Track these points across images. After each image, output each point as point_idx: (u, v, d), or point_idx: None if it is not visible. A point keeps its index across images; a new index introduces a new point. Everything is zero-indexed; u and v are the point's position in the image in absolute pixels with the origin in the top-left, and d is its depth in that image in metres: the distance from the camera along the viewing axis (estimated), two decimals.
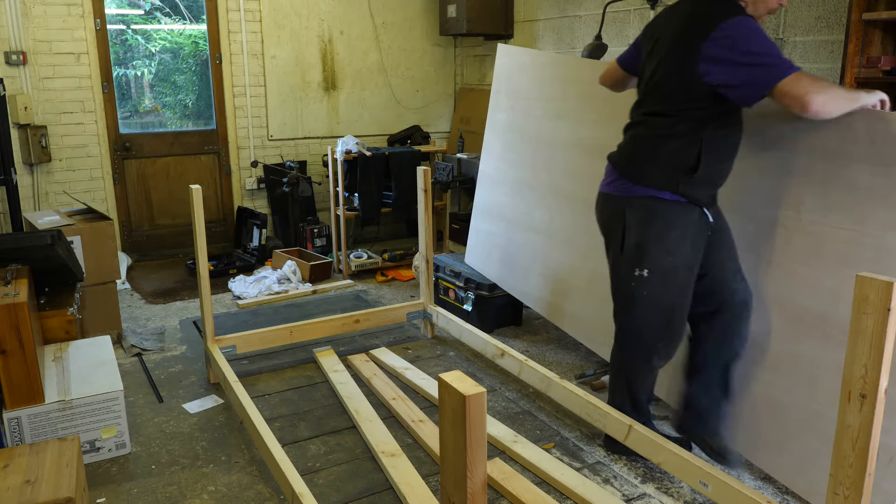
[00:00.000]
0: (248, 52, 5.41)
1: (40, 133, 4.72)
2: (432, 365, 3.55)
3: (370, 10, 5.80)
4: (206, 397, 3.20)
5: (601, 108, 3.25)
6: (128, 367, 3.51)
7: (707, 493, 2.28)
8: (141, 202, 5.32)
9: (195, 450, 2.77)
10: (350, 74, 5.83)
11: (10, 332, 2.43)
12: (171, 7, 5.30)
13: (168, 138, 5.36)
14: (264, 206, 5.73)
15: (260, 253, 5.26)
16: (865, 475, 1.55)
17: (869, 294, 1.48)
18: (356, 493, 2.47)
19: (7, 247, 2.84)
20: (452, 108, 6.32)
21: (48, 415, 2.55)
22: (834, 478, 1.61)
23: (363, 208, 5.10)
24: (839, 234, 2.30)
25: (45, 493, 2.06)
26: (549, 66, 3.64)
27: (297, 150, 5.74)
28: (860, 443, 1.54)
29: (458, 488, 1.22)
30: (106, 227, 3.74)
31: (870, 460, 1.55)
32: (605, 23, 4.47)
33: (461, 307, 4.08)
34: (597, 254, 3.25)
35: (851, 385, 1.54)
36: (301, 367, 3.53)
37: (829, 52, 3.32)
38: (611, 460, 2.69)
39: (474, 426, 1.18)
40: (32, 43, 4.67)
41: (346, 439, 2.83)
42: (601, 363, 3.51)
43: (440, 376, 1.22)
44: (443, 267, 4.25)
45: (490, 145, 4.11)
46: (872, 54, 2.83)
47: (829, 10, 3.31)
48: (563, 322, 3.48)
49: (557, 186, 3.52)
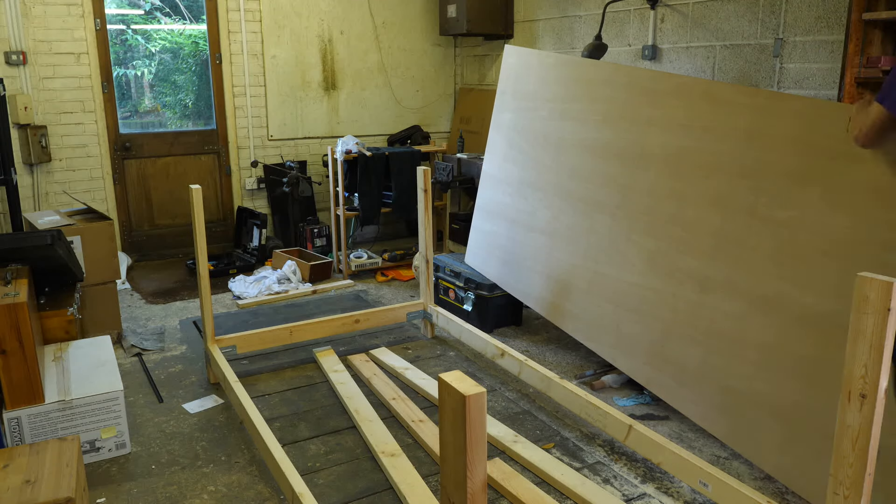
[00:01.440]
0: (248, 52, 5.41)
1: (40, 133, 4.72)
2: (432, 365, 3.55)
3: (370, 10, 5.80)
4: (206, 397, 3.20)
5: (608, 108, 3.25)
6: (128, 367, 3.51)
7: (707, 493, 2.28)
8: (141, 202, 5.32)
9: (195, 450, 2.77)
10: (350, 74, 5.83)
11: (10, 332, 2.43)
12: (171, 7, 5.29)
13: (168, 138, 5.36)
14: (264, 206, 5.73)
15: (260, 253, 5.26)
16: (865, 475, 1.55)
17: (869, 294, 1.48)
18: (356, 493, 2.47)
19: (7, 247, 2.84)
20: (452, 108, 6.32)
21: (48, 415, 2.55)
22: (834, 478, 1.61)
23: (363, 208, 5.10)
24: (843, 234, 2.30)
25: (45, 493, 2.06)
26: (556, 67, 3.64)
27: (297, 150, 5.74)
28: (860, 443, 1.54)
29: (458, 488, 1.22)
30: (106, 227, 3.73)
31: (870, 460, 1.55)
32: (605, 23, 4.47)
33: (461, 307, 4.08)
34: (598, 254, 3.25)
35: (851, 385, 1.54)
36: (301, 367, 3.53)
37: (829, 52, 3.32)
38: (611, 460, 2.69)
39: (474, 426, 1.18)
40: (32, 43, 4.67)
41: (346, 439, 2.83)
42: (601, 363, 3.51)
43: (440, 376, 1.22)
44: (443, 267, 4.25)
45: (494, 145, 4.11)
46: (872, 54, 2.83)
47: (829, 10, 3.31)
48: (564, 322, 3.48)
49: (562, 187, 3.52)
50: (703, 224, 2.76)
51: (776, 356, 2.48)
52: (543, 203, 3.65)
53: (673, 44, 4.11)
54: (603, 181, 3.24)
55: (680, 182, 2.86)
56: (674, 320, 2.86)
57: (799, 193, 2.43)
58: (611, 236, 3.18)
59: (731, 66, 3.78)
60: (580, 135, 3.42)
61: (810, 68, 3.41)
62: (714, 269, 2.71)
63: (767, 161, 2.53)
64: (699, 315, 2.75)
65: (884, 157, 2.19)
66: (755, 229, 2.56)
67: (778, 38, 3.52)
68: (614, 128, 3.19)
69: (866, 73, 2.81)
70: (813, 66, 3.40)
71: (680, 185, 2.86)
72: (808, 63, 3.42)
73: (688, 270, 2.81)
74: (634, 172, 3.07)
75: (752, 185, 2.58)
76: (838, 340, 2.27)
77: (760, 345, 2.52)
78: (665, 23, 4.14)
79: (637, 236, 3.04)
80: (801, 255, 2.42)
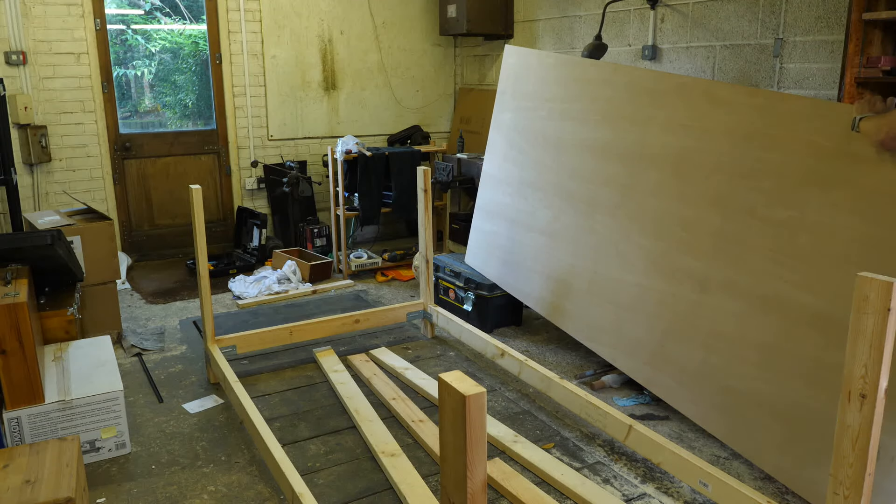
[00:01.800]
0: (248, 52, 5.41)
1: (40, 133, 4.72)
2: (432, 365, 3.55)
3: (370, 10, 5.80)
4: (206, 397, 3.20)
5: (608, 108, 3.25)
6: (128, 367, 3.51)
7: (707, 493, 2.28)
8: (141, 202, 5.32)
9: (195, 450, 2.77)
10: (350, 74, 5.83)
11: (10, 332, 2.43)
12: (171, 7, 5.29)
13: (168, 138, 5.36)
14: (264, 206, 5.73)
15: (260, 253, 5.26)
16: (865, 475, 1.55)
17: (869, 294, 1.48)
18: (356, 493, 2.47)
19: (7, 247, 2.84)
20: (452, 108, 6.32)
21: (48, 415, 2.55)
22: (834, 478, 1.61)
23: (363, 208, 5.10)
24: (843, 234, 2.30)
25: (45, 493, 2.06)
26: (556, 67, 3.64)
27: (297, 150, 5.74)
28: (860, 443, 1.54)
29: (458, 488, 1.22)
30: (106, 227, 3.73)
31: (870, 460, 1.55)
32: (605, 23, 4.47)
33: (461, 307, 4.08)
34: (598, 254, 3.25)
35: (851, 385, 1.54)
36: (301, 367, 3.53)
37: (829, 52, 3.32)
38: (611, 460, 2.69)
39: (474, 426, 1.18)
40: (32, 43, 4.67)
41: (346, 439, 2.83)
42: (601, 363, 3.51)
43: (440, 376, 1.22)
44: (443, 267, 4.25)
45: (494, 145, 4.11)
46: (872, 54, 2.83)
47: (829, 10, 3.31)
48: (564, 322, 3.48)
49: (562, 187, 3.52)
50: (703, 224, 2.76)
51: (776, 356, 2.48)
52: (543, 203, 3.65)
53: (673, 44, 4.11)
54: (603, 181, 3.24)
55: (680, 182, 2.86)
56: (674, 320, 2.86)
57: (799, 193, 2.43)
58: (611, 236, 3.18)
59: (731, 66, 3.78)
60: (580, 135, 3.42)
61: (810, 68, 3.41)
62: (714, 270, 2.71)
63: (767, 160, 2.53)
64: (699, 315, 2.75)
65: (890, 158, 2.19)
66: (755, 229, 2.56)
67: (778, 38, 3.52)
68: (614, 128, 3.19)
69: (866, 73, 2.81)
70: (813, 66, 3.40)
71: (680, 185, 2.86)
72: (808, 63, 3.42)
73: (688, 270, 2.81)
74: (635, 172, 3.07)
75: (751, 185, 2.58)
76: (838, 340, 2.27)
77: (760, 345, 2.52)
78: (665, 23, 4.14)
79: (637, 236, 3.04)
80: (800, 255, 2.41)
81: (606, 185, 3.22)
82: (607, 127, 3.24)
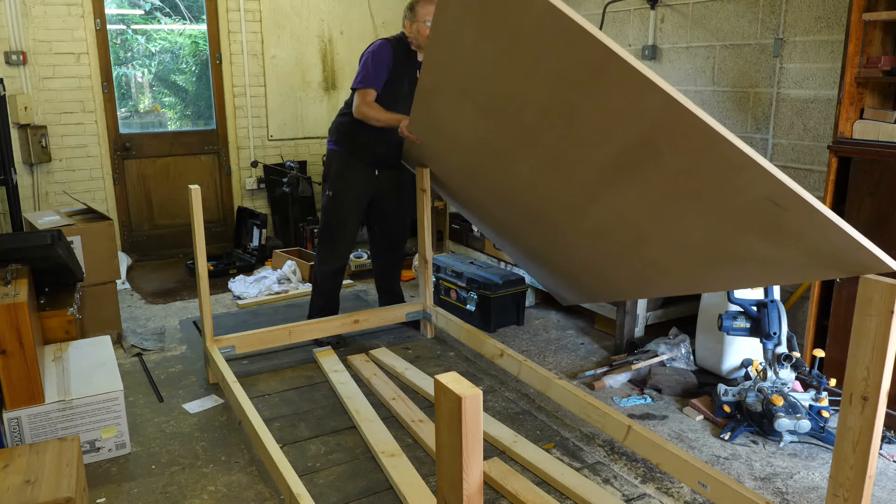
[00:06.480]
0: (248, 52, 5.41)
1: (40, 133, 4.72)
2: (432, 365, 3.55)
3: (370, 10, 5.79)
4: (206, 397, 3.20)
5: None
6: (128, 367, 3.51)
7: (706, 493, 2.28)
8: (141, 202, 5.32)
9: (195, 450, 2.77)
10: (350, 74, 5.81)
11: (10, 332, 2.43)
12: (171, 7, 5.29)
13: (168, 138, 5.36)
14: (264, 206, 5.73)
15: (260, 253, 5.26)
16: (865, 478, 1.55)
17: (872, 296, 1.47)
18: (356, 493, 2.47)
19: (7, 247, 2.84)
20: None
21: (48, 415, 2.55)
22: (834, 479, 1.60)
23: None
24: None
25: (45, 493, 2.07)
26: None
27: (297, 150, 5.73)
28: (861, 445, 1.54)
29: (454, 490, 1.22)
30: (106, 227, 3.73)
31: (870, 463, 1.54)
32: (605, 23, 4.46)
33: (464, 307, 4.08)
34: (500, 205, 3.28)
35: (853, 387, 1.53)
36: (301, 367, 3.53)
37: (829, 52, 3.32)
38: (611, 460, 2.68)
39: (470, 428, 1.17)
40: (32, 43, 4.67)
41: (346, 439, 2.83)
42: (601, 363, 3.51)
43: (436, 377, 1.22)
44: (444, 267, 4.25)
45: None
46: (872, 54, 2.83)
47: (829, 10, 3.31)
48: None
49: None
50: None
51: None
52: None
53: (673, 44, 4.10)
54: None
55: None
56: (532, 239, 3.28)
57: None
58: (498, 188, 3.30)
59: (731, 66, 3.77)
60: None
61: (810, 68, 3.41)
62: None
63: None
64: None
65: None
66: None
67: (778, 38, 3.52)
68: None
69: (866, 73, 2.81)
70: (813, 66, 3.39)
71: None
72: (808, 63, 3.41)
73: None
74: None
75: None
76: None
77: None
78: (665, 23, 4.14)
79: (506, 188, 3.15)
80: None
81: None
82: None
